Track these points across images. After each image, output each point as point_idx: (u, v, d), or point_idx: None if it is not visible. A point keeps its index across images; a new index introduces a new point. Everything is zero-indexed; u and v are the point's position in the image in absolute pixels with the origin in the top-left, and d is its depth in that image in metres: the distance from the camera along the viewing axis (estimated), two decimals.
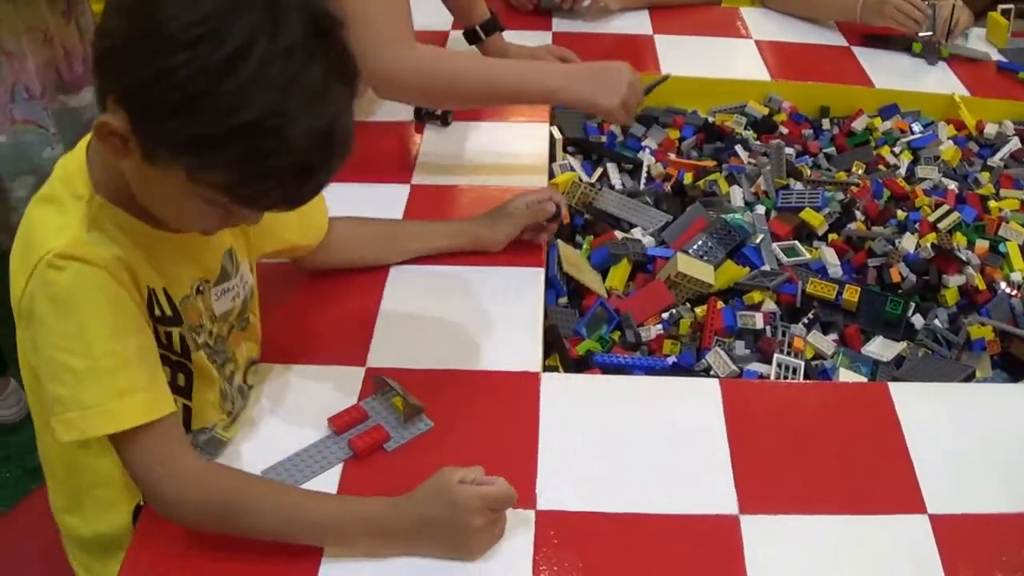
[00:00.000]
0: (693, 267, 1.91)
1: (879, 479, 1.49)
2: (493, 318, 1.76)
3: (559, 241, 1.97)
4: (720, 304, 1.87)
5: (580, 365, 1.75)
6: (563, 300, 1.89)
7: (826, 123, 2.51)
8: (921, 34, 2.70)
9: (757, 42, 2.73)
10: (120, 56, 1.14)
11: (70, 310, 1.22)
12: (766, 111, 2.49)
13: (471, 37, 2.44)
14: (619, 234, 2.04)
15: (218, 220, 1.28)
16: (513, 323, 1.74)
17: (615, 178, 2.23)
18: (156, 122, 1.13)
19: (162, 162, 1.16)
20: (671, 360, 1.77)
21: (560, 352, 1.73)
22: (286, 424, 1.55)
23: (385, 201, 2.03)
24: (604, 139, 2.40)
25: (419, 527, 1.33)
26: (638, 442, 1.53)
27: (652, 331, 1.83)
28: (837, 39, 2.79)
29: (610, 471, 1.49)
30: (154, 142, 1.15)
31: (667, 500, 1.44)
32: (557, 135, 2.26)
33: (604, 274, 1.98)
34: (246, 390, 1.58)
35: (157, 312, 1.34)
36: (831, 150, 2.41)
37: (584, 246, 2.03)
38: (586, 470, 1.48)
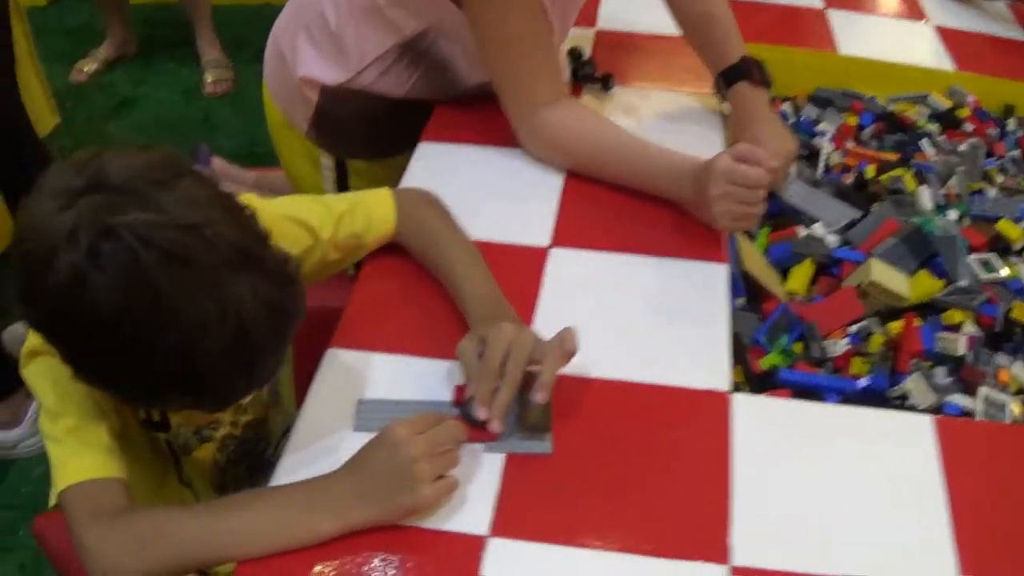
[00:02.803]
0: (887, 276, 1.60)
1: None
2: (670, 320, 1.45)
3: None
4: (917, 322, 1.56)
5: (763, 382, 1.45)
6: (741, 301, 1.58)
7: (1011, 123, 2.16)
8: None
9: (937, 28, 2.39)
10: None
11: (36, 394, 1.26)
12: (950, 103, 2.16)
13: None
14: (800, 230, 1.73)
15: None
16: (694, 328, 1.44)
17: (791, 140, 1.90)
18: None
19: None
20: (862, 383, 1.47)
21: (743, 366, 1.43)
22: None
23: (536, 172, 1.73)
24: None
25: (359, 486, 1.14)
26: (847, 487, 1.23)
27: (839, 346, 1.52)
28: (1018, 33, 2.44)
29: (816, 521, 1.19)
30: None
31: (883, 559, 1.15)
32: (728, 110, 1.93)
33: (782, 274, 1.67)
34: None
35: (143, 415, 1.32)
36: (1016, 153, 2.07)
37: (759, 239, 1.73)
38: (789, 519, 1.19)
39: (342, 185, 1.99)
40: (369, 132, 1.92)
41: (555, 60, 1.74)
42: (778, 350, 1.50)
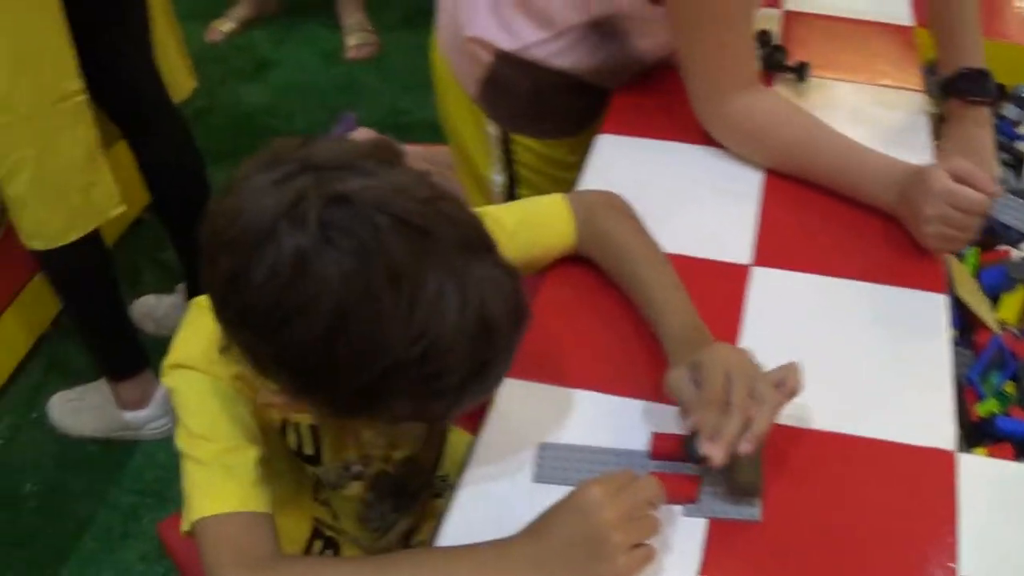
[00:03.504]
0: None
1: None
2: (886, 360, 1.25)
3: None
4: None
5: (979, 430, 1.27)
6: (953, 333, 1.39)
7: None
8: None
9: None
10: None
11: (178, 409, 1.11)
12: None
13: None
14: (1014, 252, 1.54)
15: None
16: (913, 370, 1.24)
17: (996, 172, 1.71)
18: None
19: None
20: None
21: (960, 413, 1.24)
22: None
23: (730, 173, 1.54)
24: None
25: (544, 553, 0.98)
26: None
27: None
28: None
29: None
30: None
31: None
32: (934, 109, 1.73)
33: (991, 299, 1.49)
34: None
35: (292, 445, 1.21)
36: None
37: (968, 259, 1.53)
38: None
39: (507, 159, 1.83)
40: (539, 107, 1.76)
41: (752, 41, 1.55)
42: (992, 393, 1.32)
